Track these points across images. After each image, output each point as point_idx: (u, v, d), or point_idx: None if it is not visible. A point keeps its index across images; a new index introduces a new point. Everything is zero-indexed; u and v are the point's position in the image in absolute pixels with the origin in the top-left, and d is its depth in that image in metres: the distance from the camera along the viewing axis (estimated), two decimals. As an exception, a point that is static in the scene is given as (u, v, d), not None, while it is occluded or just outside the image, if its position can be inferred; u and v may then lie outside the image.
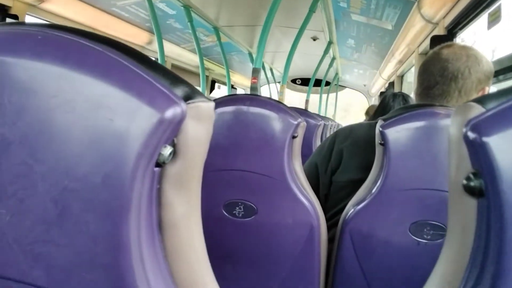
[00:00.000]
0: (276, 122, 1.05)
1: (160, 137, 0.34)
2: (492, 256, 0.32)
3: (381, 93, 5.87)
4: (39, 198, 0.34)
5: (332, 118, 7.34)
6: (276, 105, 1.06)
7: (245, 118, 1.06)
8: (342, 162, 1.21)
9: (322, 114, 7.62)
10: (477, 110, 0.35)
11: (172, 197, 0.38)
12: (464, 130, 0.33)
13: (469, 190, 0.34)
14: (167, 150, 0.35)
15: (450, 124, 0.38)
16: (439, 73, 1.07)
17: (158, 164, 0.35)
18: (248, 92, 8.15)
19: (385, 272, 1.07)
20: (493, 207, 0.31)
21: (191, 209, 0.40)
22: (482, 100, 0.35)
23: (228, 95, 1.13)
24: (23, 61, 0.34)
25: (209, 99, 0.39)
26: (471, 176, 0.34)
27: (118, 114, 0.33)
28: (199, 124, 0.37)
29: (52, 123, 0.34)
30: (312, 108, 7.45)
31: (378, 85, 6.55)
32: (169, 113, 0.34)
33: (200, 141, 0.38)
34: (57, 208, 0.34)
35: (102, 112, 0.33)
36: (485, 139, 0.31)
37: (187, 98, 0.36)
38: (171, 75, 0.37)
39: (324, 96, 7.78)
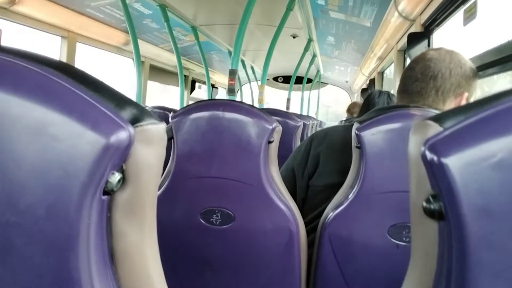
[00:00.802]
0: (251, 127, 1.03)
1: (106, 164, 0.31)
2: (455, 282, 0.31)
3: (363, 90, 5.91)
4: None
5: (314, 116, 7.37)
6: (251, 110, 1.04)
7: (220, 124, 1.03)
8: (319, 166, 1.19)
9: (304, 112, 7.64)
10: (435, 129, 0.33)
11: (123, 226, 0.36)
12: (422, 149, 0.31)
13: (429, 213, 0.32)
14: (115, 177, 0.33)
15: (409, 142, 0.37)
16: (420, 71, 1.07)
17: (106, 192, 0.33)
18: (230, 90, 8.13)
19: (365, 275, 1.06)
20: (453, 230, 0.30)
21: (145, 236, 0.38)
22: (439, 118, 0.34)
23: (202, 101, 1.10)
24: None
25: (159, 121, 0.36)
26: (431, 198, 0.32)
27: (60, 140, 0.31)
28: (149, 148, 0.35)
29: None
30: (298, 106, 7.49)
31: (360, 81, 6.60)
32: (115, 138, 0.31)
33: (151, 166, 0.36)
34: (0, 243, 0.32)
35: (43, 139, 0.31)
36: (443, 159, 0.29)
37: (134, 121, 0.34)
38: (118, 97, 0.34)
39: (306, 93, 7.80)
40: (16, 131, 0.31)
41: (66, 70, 0.34)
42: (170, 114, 1.10)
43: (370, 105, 1.77)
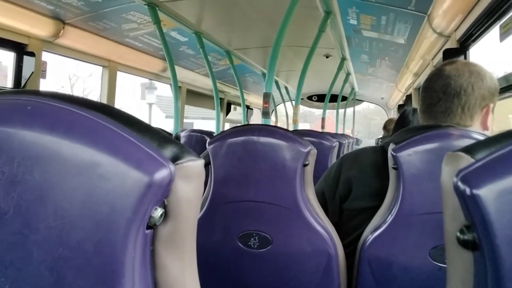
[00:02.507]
0: (286, 151, 1.04)
1: (150, 200, 0.34)
2: None
3: (399, 106, 5.81)
4: (35, 266, 0.35)
5: (350, 134, 7.28)
6: (285, 134, 1.06)
7: (255, 148, 1.05)
8: (352, 190, 1.18)
9: (340, 130, 7.58)
10: (466, 160, 0.33)
11: (165, 258, 0.38)
12: (454, 180, 0.32)
13: (463, 243, 0.33)
14: (157, 212, 0.35)
15: (441, 173, 0.37)
16: (441, 89, 1.05)
17: (149, 227, 0.35)
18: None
19: None
20: (488, 261, 0.30)
21: (186, 268, 0.40)
22: (471, 150, 0.34)
23: (237, 126, 1.13)
24: (14, 131, 0.34)
25: (198, 158, 0.38)
26: (464, 229, 0.32)
27: (107, 179, 0.33)
28: (188, 183, 0.37)
29: (43, 193, 0.34)
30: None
31: (396, 98, 6.50)
32: (158, 175, 0.34)
33: (190, 200, 0.38)
34: (53, 276, 0.34)
35: (92, 179, 0.33)
36: (475, 191, 0.30)
37: (175, 158, 0.36)
38: (160, 136, 0.37)
39: (342, 111, 7.75)
40: (68, 171, 0.34)
41: (111, 112, 0.37)
42: (207, 140, 1.13)
43: (405, 123, 1.75)
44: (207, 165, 1.12)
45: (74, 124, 0.35)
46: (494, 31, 1.92)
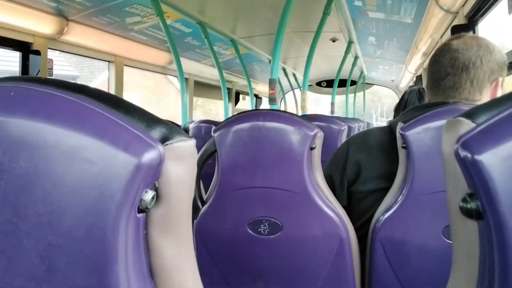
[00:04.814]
0: (292, 135, 1.03)
1: (139, 183, 0.33)
2: (498, 282, 0.29)
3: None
4: (26, 254, 0.34)
5: (361, 118, 7.23)
6: (291, 118, 1.04)
7: (261, 133, 1.04)
8: (360, 173, 1.16)
9: (350, 115, 7.53)
10: (467, 125, 0.31)
11: (160, 242, 0.37)
12: (455, 147, 0.30)
13: (467, 213, 0.31)
14: (148, 195, 0.34)
15: (442, 141, 0.35)
16: (449, 64, 1.02)
17: (141, 210, 0.34)
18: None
19: (423, 278, 1.02)
20: (493, 229, 0.28)
21: (182, 251, 0.39)
22: (471, 114, 0.32)
23: (241, 112, 1.11)
24: None
25: (189, 138, 0.37)
26: (467, 197, 0.31)
27: (94, 164, 0.32)
28: (180, 164, 0.36)
29: (31, 180, 0.33)
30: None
31: (406, 79, 6.42)
32: (146, 157, 0.33)
33: (183, 182, 0.37)
34: (44, 264, 0.34)
35: (78, 163, 0.32)
36: (477, 157, 0.28)
37: (164, 139, 0.35)
38: (148, 117, 0.36)
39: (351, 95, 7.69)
40: (53, 157, 0.33)
41: (96, 95, 0.35)
42: (212, 128, 1.12)
43: (401, 103, 1.73)
44: (213, 153, 1.11)
45: (58, 108, 0.34)
46: (502, 4, 1.86)
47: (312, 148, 1.04)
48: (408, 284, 1.04)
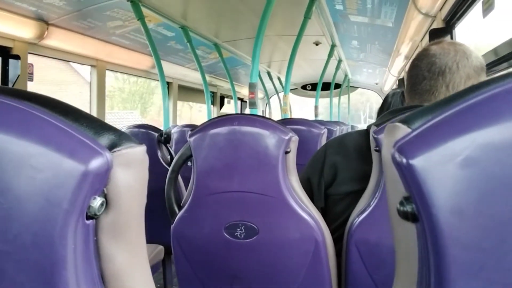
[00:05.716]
0: (267, 139, 1.03)
1: (87, 190, 0.33)
2: (434, 284, 0.29)
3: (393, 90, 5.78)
4: None
5: (345, 121, 7.28)
6: (265, 122, 1.05)
7: (235, 138, 1.04)
8: (337, 175, 1.17)
9: (335, 117, 7.57)
10: (403, 130, 0.32)
11: (110, 248, 0.37)
12: (392, 152, 0.31)
13: (404, 215, 0.32)
14: (97, 202, 0.34)
15: (382, 145, 0.36)
16: (426, 68, 1.04)
17: (90, 217, 0.34)
18: (260, 103, 8.16)
19: None
20: (427, 232, 0.29)
21: (133, 257, 0.39)
22: (408, 120, 0.33)
23: (216, 117, 1.11)
24: None
25: (139, 144, 0.37)
26: (404, 201, 0.31)
27: (41, 171, 0.32)
28: (128, 171, 0.36)
29: None
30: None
31: (390, 82, 6.48)
32: (93, 164, 0.33)
33: (132, 188, 0.37)
34: None
35: (25, 171, 0.32)
36: (410, 161, 0.29)
37: (112, 146, 0.35)
38: (96, 124, 0.36)
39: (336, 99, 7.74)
40: (1, 164, 0.32)
41: (45, 102, 0.35)
42: (188, 132, 1.12)
43: (384, 106, 1.75)
44: (189, 157, 1.11)
45: (4, 115, 0.34)
46: (477, 8, 1.90)
47: (287, 152, 1.04)
48: (383, 286, 1.04)
